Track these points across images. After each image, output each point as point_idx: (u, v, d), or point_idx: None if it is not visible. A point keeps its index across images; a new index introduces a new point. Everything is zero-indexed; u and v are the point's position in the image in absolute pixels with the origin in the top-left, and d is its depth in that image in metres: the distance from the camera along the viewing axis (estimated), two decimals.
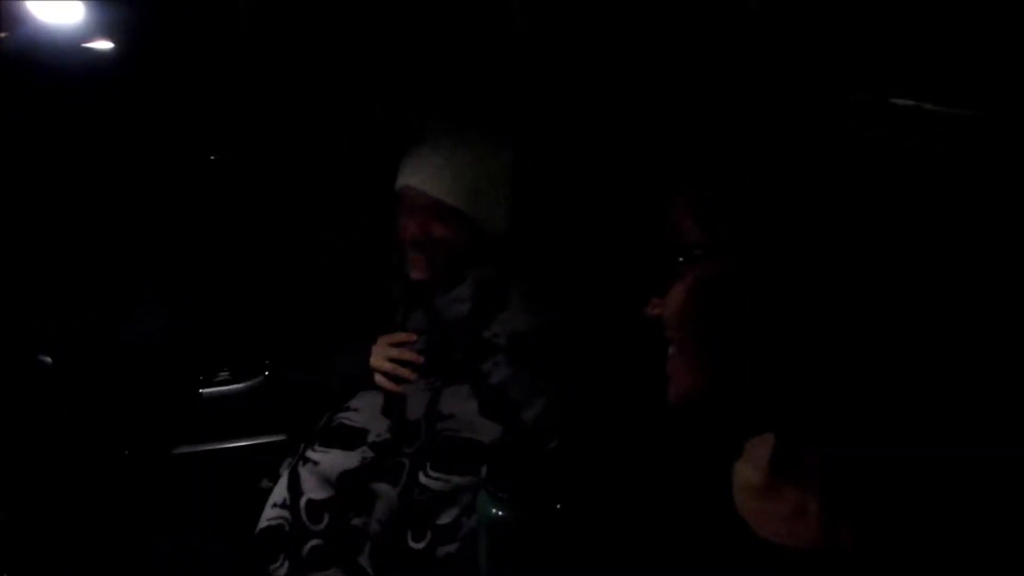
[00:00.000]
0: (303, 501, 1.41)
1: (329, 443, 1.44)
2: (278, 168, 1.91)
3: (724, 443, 0.73)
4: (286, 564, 1.40)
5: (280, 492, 1.44)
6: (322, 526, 1.39)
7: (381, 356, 1.49)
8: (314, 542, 1.39)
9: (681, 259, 0.63)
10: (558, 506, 0.80)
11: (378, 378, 1.48)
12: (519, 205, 1.47)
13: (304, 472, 1.43)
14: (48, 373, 1.66)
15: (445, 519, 1.35)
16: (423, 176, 1.42)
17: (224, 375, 1.81)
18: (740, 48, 1.31)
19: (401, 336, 1.50)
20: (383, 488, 1.38)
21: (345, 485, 1.39)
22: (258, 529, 1.43)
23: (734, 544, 0.67)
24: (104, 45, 1.64)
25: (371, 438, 1.43)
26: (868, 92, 0.62)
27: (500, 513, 0.81)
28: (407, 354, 1.48)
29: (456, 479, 1.35)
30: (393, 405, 1.46)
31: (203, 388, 1.80)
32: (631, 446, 0.82)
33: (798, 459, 0.65)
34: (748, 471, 0.70)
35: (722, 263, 0.61)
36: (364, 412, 1.47)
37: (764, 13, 1.27)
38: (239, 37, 1.63)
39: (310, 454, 1.44)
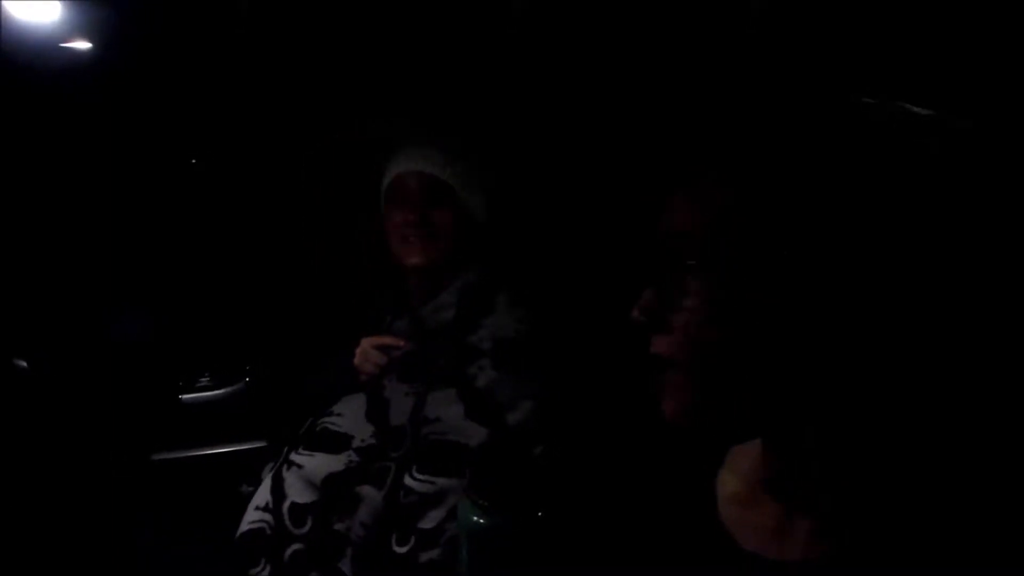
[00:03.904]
0: (286, 505, 1.40)
1: (314, 447, 1.44)
2: (262, 172, 1.90)
3: (709, 452, 0.72)
4: (267, 568, 1.38)
5: (263, 495, 1.43)
6: (304, 530, 1.38)
7: (365, 358, 1.48)
8: (296, 546, 1.38)
9: (686, 262, 0.61)
10: (540, 513, 0.79)
11: (363, 379, 1.48)
12: (498, 196, 1.55)
13: (288, 475, 1.42)
14: (27, 377, 1.64)
15: (429, 523, 1.34)
16: (420, 160, 1.49)
17: (205, 380, 1.80)
18: (740, 48, 1.31)
19: (387, 340, 1.49)
20: (368, 491, 1.37)
21: (330, 489, 1.39)
22: (240, 532, 1.42)
23: (718, 554, 0.66)
24: (82, 45, 1.63)
25: (356, 443, 1.42)
26: (867, 95, 0.61)
27: (481, 520, 0.79)
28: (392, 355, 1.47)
29: (442, 481, 1.34)
30: (377, 410, 1.45)
31: (184, 393, 1.78)
32: (615, 453, 0.81)
33: (782, 470, 0.64)
34: (732, 481, 0.69)
35: (731, 281, 0.59)
36: (348, 417, 1.46)
37: (765, 15, 1.27)
38: (221, 36, 1.62)
39: (294, 457, 1.43)
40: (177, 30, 1.58)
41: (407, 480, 1.36)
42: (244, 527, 1.42)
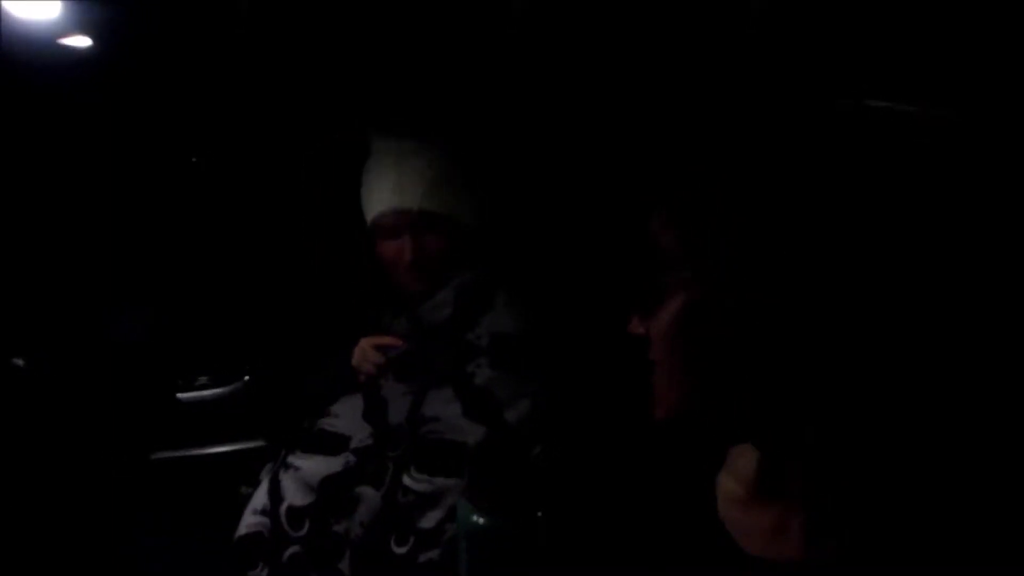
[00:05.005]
0: (284, 507, 1.39)
1: (311, 449, 1.44)
2: (262, 171, 1.90)
3: (709, 453, 0.72)
4: (265, 571, 1.38)
5: (260, 498, 1.43)
6: (302, 532, 1.38)
7: (363, 357, 1.48)
8: (294, 549, 1.38)
9: (665, 276, 0.62)
10: (539, 514, 0.79)
11: (362, 379, 1.47)
12: (490, 195, 1.52)
13: (285, 478, 1.42)
14: (25, 376, 1.64)
15: (428, 523, 1.34)
16: (405, 195, 1.44)
17: (203, 380, 1.80)
18: (738, 52, 1.31)
19: (386, 339, 1.49)
20: (366, 491, 1.37)
21: (327, 490, 1.38)
22: (237, 536, 1.42)
23: (718, 555, 0.66)
24: (81, 42, 1.63)
25: (354, 444, 1.42)
26: (859, 98, 0.61)
27: (480, 520, 0.79)
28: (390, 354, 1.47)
29: (440, 480, 1.34)
30: (375, 410, 1.45)
31: (182, 393, 1.78)
32: (614, 453, 0.81)
33: (781, 471, 0.64)
34: (731, 483, 0.69)
35: (708, 284, 0.60)
36: (346, 417, 1.46)
37: (765, 16, 1.27)
38: (220, 35, 1.62)
39: (292, 460, 1.43)
40: (177, 28, 1.58)
41: (405, 480, 1.35)
42: (242, 531, 1.42)
